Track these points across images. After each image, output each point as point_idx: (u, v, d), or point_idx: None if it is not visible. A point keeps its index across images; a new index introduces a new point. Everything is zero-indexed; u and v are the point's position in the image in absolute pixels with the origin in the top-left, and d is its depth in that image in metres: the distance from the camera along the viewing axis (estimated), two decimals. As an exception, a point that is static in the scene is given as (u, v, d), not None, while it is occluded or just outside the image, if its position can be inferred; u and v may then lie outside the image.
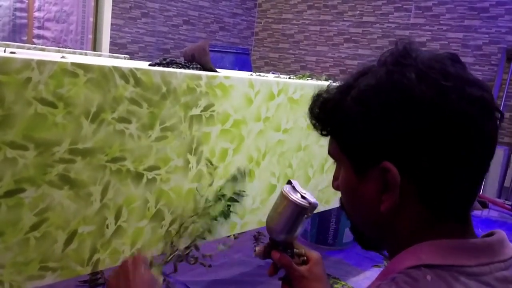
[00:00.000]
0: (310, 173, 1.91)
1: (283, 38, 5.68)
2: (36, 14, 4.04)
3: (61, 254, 1.13)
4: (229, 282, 2.23)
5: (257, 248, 0.97)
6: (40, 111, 1.03)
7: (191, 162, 1.40)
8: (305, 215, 0.91)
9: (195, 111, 1.38)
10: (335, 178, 0.74)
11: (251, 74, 1.91)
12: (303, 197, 0.90)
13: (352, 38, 5.18)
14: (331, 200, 2.09)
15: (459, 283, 0.56)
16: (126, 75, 1.18)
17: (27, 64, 0.99)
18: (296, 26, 5.57)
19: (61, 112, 1.07)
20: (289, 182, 0.94)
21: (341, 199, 0.72)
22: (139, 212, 1.28)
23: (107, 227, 1.21)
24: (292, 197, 0.90)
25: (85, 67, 1.09)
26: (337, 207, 2.45)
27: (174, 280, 2.13)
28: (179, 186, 1.38)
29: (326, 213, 2.67)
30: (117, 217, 1.23)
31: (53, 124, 1.06)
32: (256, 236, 2.78)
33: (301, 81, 1.90)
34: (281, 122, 1.71)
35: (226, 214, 1.54)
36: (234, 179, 1.53)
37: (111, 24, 4.45)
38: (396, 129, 0.59)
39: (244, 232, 1.71)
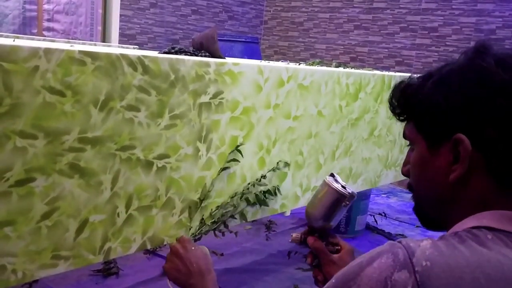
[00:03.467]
0: (321, 160, 1.89)
1: (292, 26, 5.63)
2: (46, 6, 4.04)
3: (73, 243, 1.14)
4: (241, 271, 2.23)
5: (293, 234, 1.06)
6: (48, 100, 1.03)
7: (200, 150, 1.39)
8: (343, 203, 1.00)
9: (204, 99, 1.36)
10: (405, 163, 0.79)
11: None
12: (343, 187, 1.00)
13: (362, 24, 5.12)
14: (342, 187, 2.07)
15: None
16: (134, 63, 1.17)
17: (34, 52, 0.99)
18: (306, 14, 5.52)
19: (69, 100, 1.06)
20: (332, 175, 1.03)
21: (408, 182, 0.78)
22: (149, 200, 1.28)
23: (118, 216, 1.21)
24: (333, 184, 1.00)
25: (93, 55, 1.09)
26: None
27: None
28: (189, 174, 1.37)
29: (338, 201, 2.66)
30: (128, 205, 1.23)
31: (62, 113, 1.06)
32: (268, 224, 2.78)
33: (311, 67, 1.88)
34: (291, 109, 1.69)
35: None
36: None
37: (120, 15, 4.44)
38: (472, 107, 0.65)
39: (255, 220, 1.70)
